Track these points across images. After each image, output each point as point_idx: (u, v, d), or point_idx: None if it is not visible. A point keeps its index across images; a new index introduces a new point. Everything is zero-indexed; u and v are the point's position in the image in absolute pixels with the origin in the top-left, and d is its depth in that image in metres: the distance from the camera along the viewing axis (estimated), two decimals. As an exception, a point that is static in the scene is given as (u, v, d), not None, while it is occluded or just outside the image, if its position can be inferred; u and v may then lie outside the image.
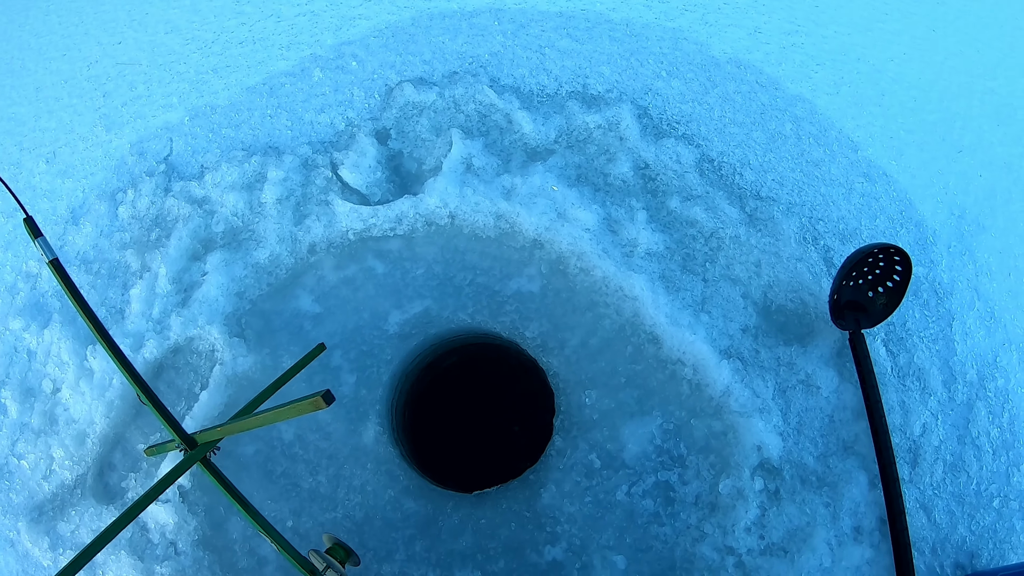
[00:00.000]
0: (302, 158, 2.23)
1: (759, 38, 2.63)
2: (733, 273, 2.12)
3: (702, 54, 2.52)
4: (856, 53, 2.75)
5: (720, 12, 2.68)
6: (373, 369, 1.97)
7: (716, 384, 1.97)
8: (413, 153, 2.23)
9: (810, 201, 2.27)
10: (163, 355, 2.06)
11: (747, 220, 2.18)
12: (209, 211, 2.22)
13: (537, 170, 2.14)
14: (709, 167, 2.25)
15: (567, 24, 2.53)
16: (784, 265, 2.14)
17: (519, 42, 2.47)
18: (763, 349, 2.05)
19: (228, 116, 2.40)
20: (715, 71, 2.48)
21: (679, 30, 2.57)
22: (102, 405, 2.05)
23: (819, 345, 2.09)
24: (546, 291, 2.03)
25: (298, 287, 2.08)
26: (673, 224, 2.13)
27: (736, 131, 2.35)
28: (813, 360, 2.07)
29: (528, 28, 2.51)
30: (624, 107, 2.30)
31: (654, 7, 2.64)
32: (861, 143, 2.46)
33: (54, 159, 2.61)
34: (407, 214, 2.10)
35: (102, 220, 2.34)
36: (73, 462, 2.08)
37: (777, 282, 2.12)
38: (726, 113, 2.38)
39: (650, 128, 2.29)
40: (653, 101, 2.36)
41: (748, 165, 2.29)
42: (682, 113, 2.35)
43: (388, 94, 2.34)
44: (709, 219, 2.14)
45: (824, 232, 2.23)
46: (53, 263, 1.79)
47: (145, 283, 2.15)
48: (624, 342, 2.00)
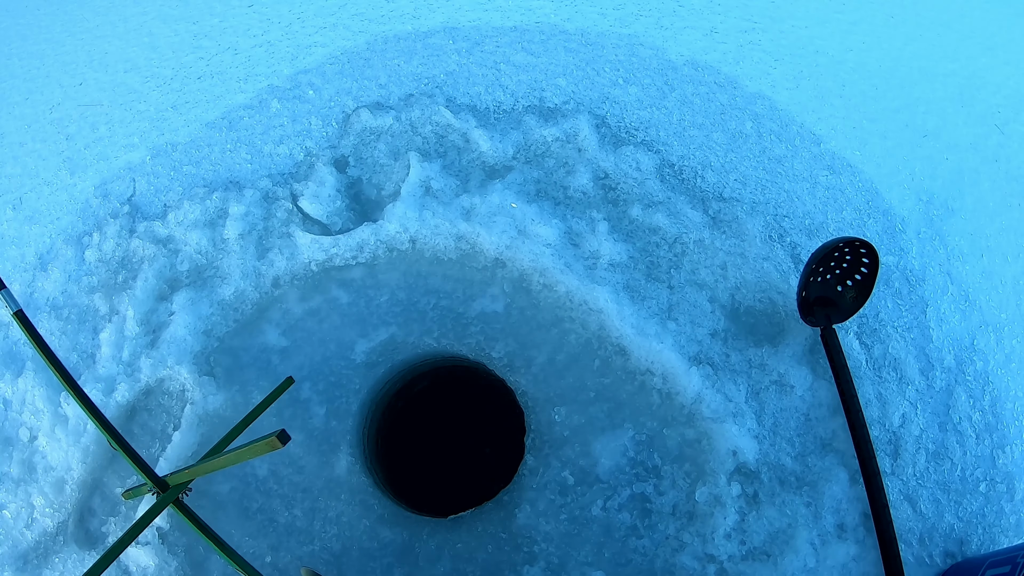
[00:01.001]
0: (263, 191, 2.26)
1: (715, 38, 2.65)
2: (699, 278, 2.13)
3: (658, 58, 2.54)
4: (815, 46, 2.76)
5: (675, 15, 2.70)
6: (342, 400, 1.99)
7: (687, 392, 1.99)
8: (372, 179, 2.25)
9: (774, 199, 2.29)
10: (135, 397, 2.09)
11: (711, 223, 2.19)
12: (173, 250, 2.25)
13: (496, 188, 2.16)
14: (670, 172, 2.27)
15: (522, 38, 2.56)
16: (751, 265, 2.16)
17: (474, 59, 2.49)
18: (733, 352, 2.07)
19: (189, 153, 2.43)
20: (672, 74, 2.50)
21: (634, 36, 2.59)
22: (78, 451, 2.08)
23: (790, 344, 2.10)
24: (510, 310, 2.05)
25: (264, 322, 2.10)
26: (635, 233, 2.15)
27: (696, 133, 2.36)
28: (785, 359, 2.08)
29: (483, 45, 2.54)
30: (581, 118, 2.32)
31: (608, 15, 2.67)
32: (824, 136, 2.48)
33: (20, 205, 2.64)
34: (368, 241, 2.12)
35: (70, 265, 2.37)
36: (53, 509, 2.11)
37: (744, 283, 2.13)
38: (685, 116, 2.40)
39: (608, 137, 2.31)
40: (611, 109, 2.38)
41: (709, 167, 2.30)
42: (640, 119, 2.37)
43: (345, 121, 2.37)
44: (672, 225, 2.16)
45: (790, 229, 2.24)
46: (17, 314, 1.82)
47: (114, 326, 2.18)
48: (591, 356, 2.02)
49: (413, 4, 2.67)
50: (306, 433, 1.96)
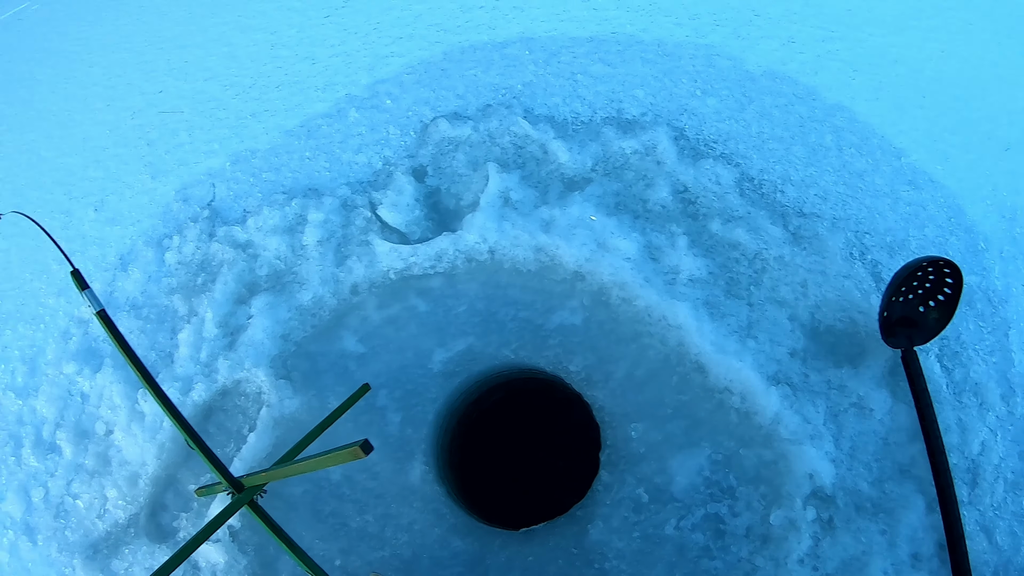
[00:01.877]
0: (341, 199, 2.31)
1: (793, 48, 2.62)
2: (779, 295, 2.09)
3: (736, 69, 2.52)
4: (893, 55, 2.71)
5: (752, 25, 2.68)
6: (419, 408, 2.01)
7: (765, 412, 1.95)
8: (450, 189, 2.28)
9: (855, 214, 2.24)
10: (211, 398, 2.14)
11: (791, 239, 2.16)
12: (253, 255, 2.31)
13: (575, 200, 2.17)
14: (749, 186, 2.24)
15: (598, 49, 2.57)
16: (831, 283, 2.11)
17: (551, 70, 2.52)
18: (812, 373, 2.02)
19: (268, 160, 2.50)
20: (750, 86, 2.48)
21: (712, 46, 2.58)
22: (153, 447, 2.14)
23: (871, 365, 2.04)
24: (589, 323, 2.04)
25: (342, 328, 2.14)
26: (715, 248, 2.13)
27: (776, 147, 2.34)
28: (865, 381, 2.02)
29: (559, 55, 2.56)
30: (660, 130, 2.31)
31: (684, 25, 2.67)
32: (905, 149, 2.42)
33: (102, 207, 2.75)
34: (447, 251, 2.14)
35: (150, 266, 2.45)
36: (126, 502, 2.17)
37: (825, 302, 2.09)
38: (764, 129, 2.37)
39: (687, 150, 2.30)
40: (689, 121, 2.37)
41: (789, 181, 2.27)
42: (719, 132, 2.36)
43: (423, 131, 2.41)
44: (752, 240, 2.13)
45: (871, 246, 2.19)
46: (100, 314, 1.88)
47: (192, 327, 2.25)
48: (670, 372, 1.99)
49: (489, 15, 2.72)
50: (381, 439, 1.98)
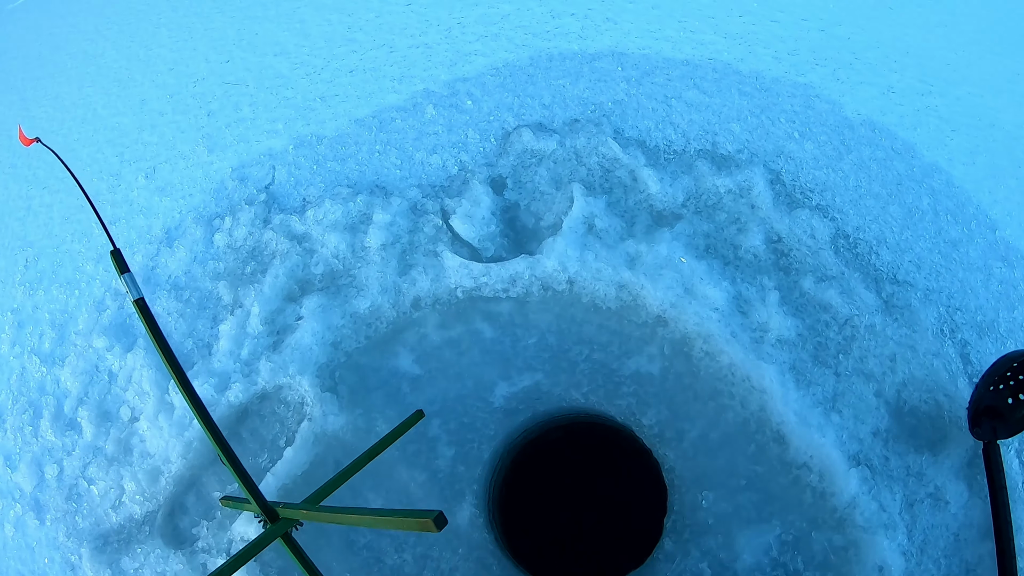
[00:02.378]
0: (411, 202, 1.99)
1: (892, 98, 2.29)
2: (867, 367, 1.80)
3: (835, 114, 2.20)
4: (990, 117, 2.39)
5: (851, 68, 2.35)
6: (473, 444, 1.72)
7: (842, 494, 1.66)
8: (530, 206, 1.97)
9: (948, 288, 1.94)
10: (248, 400, 1.85)
11: (883, 307, 1.86)
12: (309, 249, 2.00)
13: (664, 237, 1.85)
14: (844, 244, 1.93)
15: (693, 74, 2.24)
16: (920, 361, 1.82)
17: (643, 90, 2.19)
18: (893, 456, 1.74)
19: (334, 148, 2.18)
20: (849, 134, 2.16)
21: (810, 86, 2.25)
22: (179, 444, 1.85)
23: (951, 454, 1.77)
24: (667, 374, 1.74)
25: (398, 344, 1.84)
26: (806, 307, 1.82)
27: (872, 204, 2.02)
28: (944, 471, 1.75)
29: (653, 76, 2.23)
30: (756, 170, 2.00)
31: (783, 60, 2.33)
32: (999, 221, 2.12)
33: (153, 175, 2.44)
34: (522, 275, 1.84)
35: (197, 245, 2.14)
36: (144, 497, 1.88)
37: (912, 380, 1.80)
38: (861, 183, 2.06)
39: (783, 196, 1.98)
40: (786, 165, 2.05)
41: (885, 243, 1.96)
42: (816, 180, 2.04)
43: (505, 139, 2.09)
44: (844, 304, 1.83)
45: (961, 324, 1.90)
46: (138, 303, 1.56)
47: (236, 320, 1.94)
48: (747, 439, 1.70)
49: (579, 23, 2.39)
50: (429, 474, 1.69)
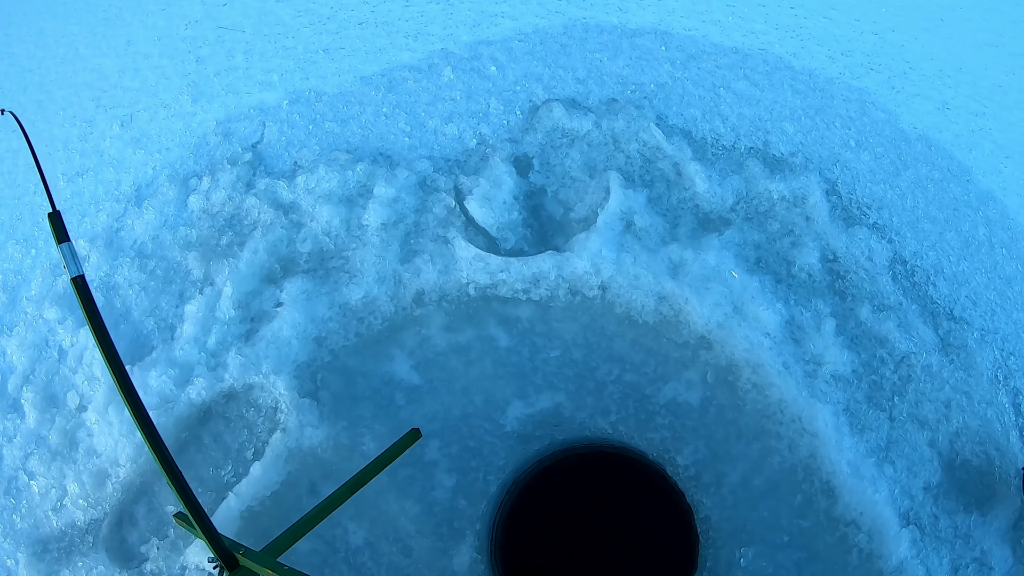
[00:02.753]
0: (420, 175, 1.42)
1: (947, 116, 1.77)
2: (921, 413, 1.32)
3: (891, 126, 1.67)
4: None
5: (906, 77, 1.82)
6: (478, 474, 1.19)
7: (891, 557, 1.20)
8: (559, 194, 1.41)
9: (1003, 329, 1.46)
10: (213, 399, 1.28)
11: (940, 346, 1.37)
12: (296, 222, 1.41)
13: (712, 244, 1.33)
14: (902, 271, 1.43)
15: (743, 63, 1.69)
16: (975, 409, 1.35)
17: (690, 75, 1.63)
18: (943, 516, 1.28)
19: (335, 107, 1.57)
20: (906, 149, 1.64)
21: (866, 92, 1.72)
22: (130, 446, 1.28)
23: (999, 515, 1.32)
24: (708, 406, 1.24)
25: (394, 345, 1.28)
26: (862, 340, 1.33)
27: (930, 228, 1.52)
28: (991, 533, 1.30)
29: (700, 60, 1.67)
30: (811, 178, 1.47)
31: (837, 60, 1.79)
32: (1054, 260, 1.64)
33: (130, 123, 1.78)
34: (547, 274, 1.29)
35: (168, 208, 1.53)
36: (88, 503, 1.32)
37: (966, 430, 1.33)
38: (919, 203, 1.55)
39: (839, 210, 1.47)
40: (842, 175, 1.53)
41: (942, 274, 1.47)
42: (873, 196, 1.52)
43: (533, 113, 1.51)
44: (901, 339, 1.34)
45: (1015, 370, 1.43)
46: (76, 280, 0.99)
47: (205, 300, 1.36)
48: (793, 489, 1.21)
49: (618, -5, 1.80)
50: (424, 506, 1.16)
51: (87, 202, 1.71)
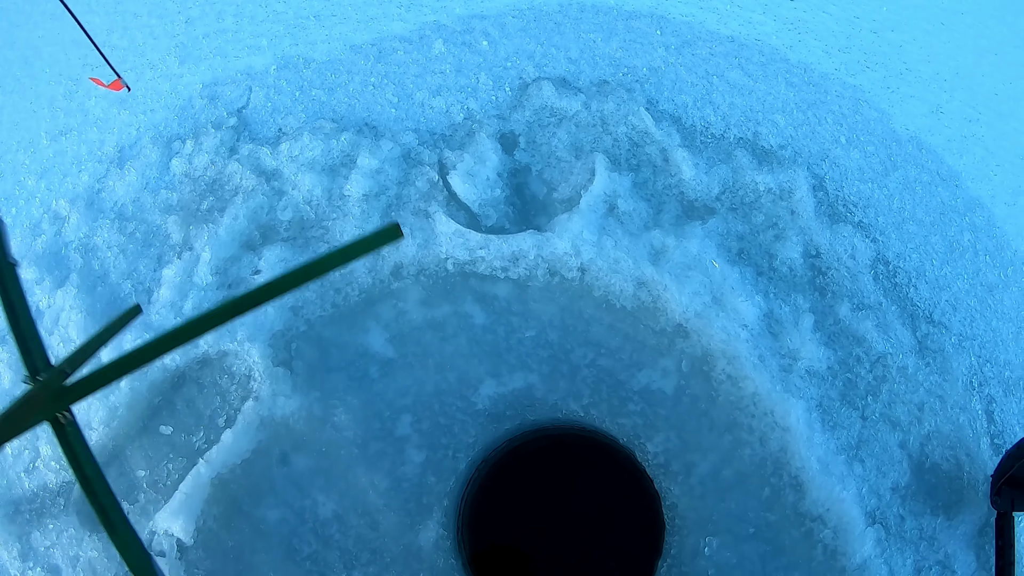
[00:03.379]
0: (404, 148, 1.34)
1: (940, 119, 1.71)
2: (894, 414, 1.29)
3: (883, 125, 1.61)
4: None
5: (901, 78, 1.75)
6: (448, 451, 1.15)
7: (854, 554, 1.17)
8: (544, 173, 1.34)
9: (980, 336, 1.42)
10: (187, 365, 1.22)
11: (917, 348, 1.33)
12: (278, 190, 1.34)
13: (695, 232, 1.27)
14: (884, 271, 1.38)
15: (739, 53, 1.61)
16: (947, 414, 1.32)
17: (683, 62, 1.55)
18: (909, 517, 1.26)
19: (323, 75, 1.49)
20: (896, 149, 1.58)
21: (860, 89, 1.65)
22: (103, 410, 1.23)
23: (964, 520, 1.29)
24: (681, 395, 1.20)
25: (370, 318, 1.23)
26: (839, 338, 1.29)
27: (915, 230, 1.47)
28: (956, 537, 1.28)
29: (694, 47, 1.59)
30: (799, 172, 1.41)
31: (834, 56, 1.71)
32: (1036, 272, 1.60)
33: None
34: (526, 254, 1.23)
35: (151, 170, 1.46)
36: (60, 466, 1.27)
37: (937, 433, 1.30)
38: (906, 205, 1.49)
39: (825, 206, 1.41)
40: (830, 172, 1.47)
41: (924, 277, 1.42)
42: (860, 194, 1.46)
43: (522, 90, 1.44)
44: (879, 339, 1.29)
45: (990, 378, 1.39)
46: None
47: (183, 264, 1.30)
48: (762, 482, 1.18)
49: (617, -23, 1.71)
50: (393, 481, 1.12)
51: (69, 162, 1.63)
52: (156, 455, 1.22)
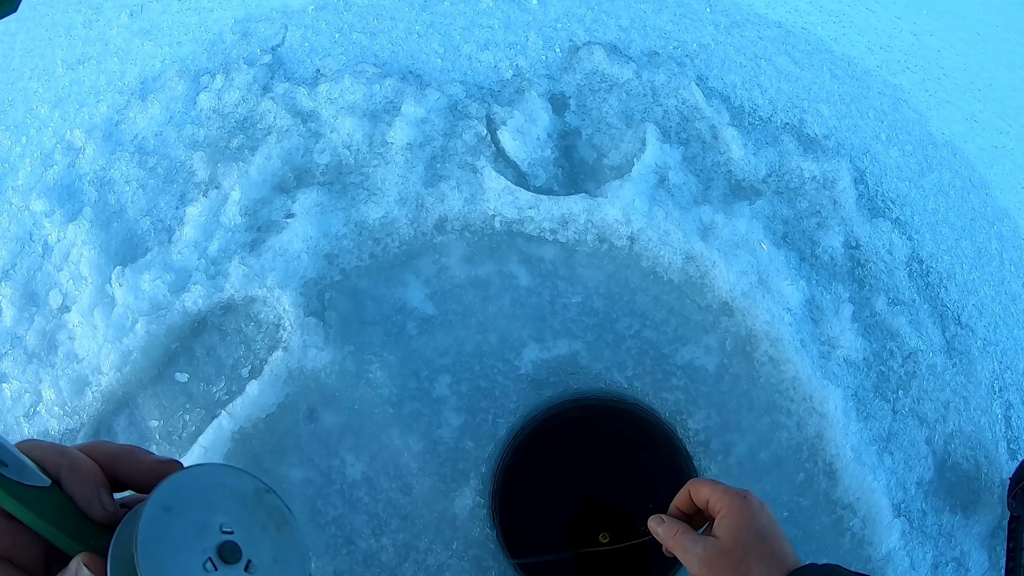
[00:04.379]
0: (451, 99, 1.21)
1: (974, 128, 1.65)
2: (922, 410, 1.23)
3: (920, 127, 1.54)
4: None
5: (939, 83, 1.67)
6: (488, 415, 1.03)
7: (881, 545, 1.11)
8: (593, 138, 1.22)
9: (1003, 342, 1.37)
10: (209, 310, 1.08)
11: (946, 348, 1.28)
12: (315, 132, 1.20)
13: (743, 212, 1.17)
14: (918, 269, 1.32)
15: (786, 39, 1.51)
16: (970, 415, 1.27)
17: (732, 41, 1.44)
18: (931, 512, 1.20)
19: (365, 19, 1.34)
20: (932, 152, 1.51)
21: (900, 89, 1.57)
22: (115, 353, 1.08)
23: (980, 520, 1.24)
24: (723, 373, 1.11)
25: (410, 272, 1.10)
26: (875, 330, 1.22)
27: (947, 233, 1.40)
28: (972, 536, 1.23)
29: (743, 28, 1.49)
30: (842, 163, 1.32)
31: (876, 53, 1.63)
32: (1057, 288, 1.56)
33: (139, 13, 1.50)
34: (577, 217, 1.12)
35: (176, 104, 1.29)
36: (64, 412, 1.12)
37: (959, 433, 1.25)
38: (939, 207, 1.43)
39: (866, 199, 1.33)
40: (871, 166, 1.39)
41: (954, 279, 1.36)
42: (898, 192, 1.39)
43: (573, 53, 1.31)
44: (911, 335, 1.23)
45: (1010, 384, 1.34)
46: None
47: (209, 203, 1.15)
48: (797, 467, 1.10)
49: (667, -48, 1.59)
50: (428, 444, 1.01)
51: (86, 92, 1.43)
52: (171, 405, 1.08)
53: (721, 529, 0.63)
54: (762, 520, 0.63)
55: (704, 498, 0.66)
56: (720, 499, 0.64)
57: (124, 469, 0.37)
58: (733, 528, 0.62)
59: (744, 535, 0.61)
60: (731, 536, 0.62)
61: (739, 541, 0.61)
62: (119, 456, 0.37)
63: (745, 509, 0.62)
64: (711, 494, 0.65)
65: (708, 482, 0.67)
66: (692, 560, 0.63)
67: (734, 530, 0.62)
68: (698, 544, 0.63)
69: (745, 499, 0.63)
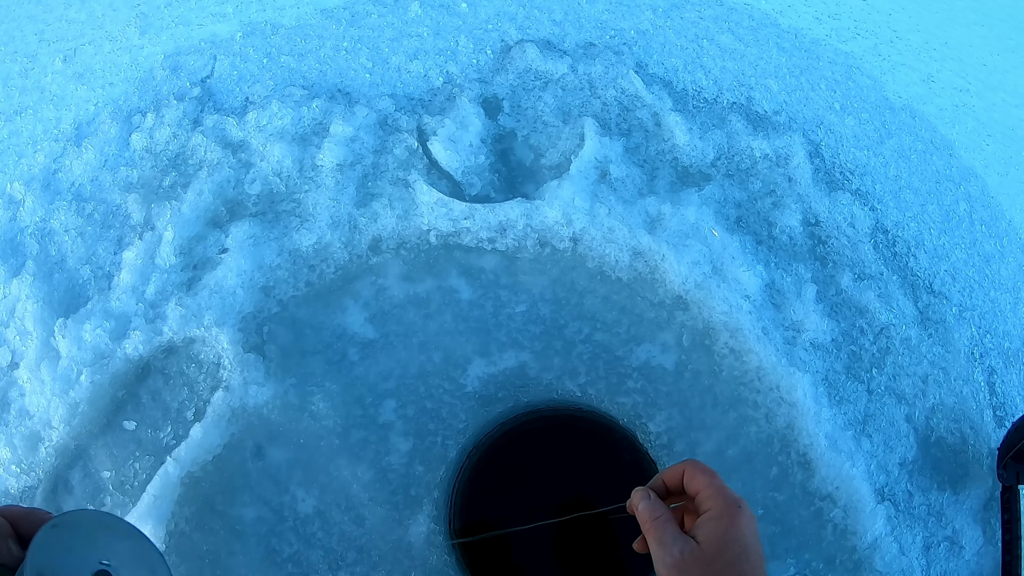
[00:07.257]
0: (380, 114, 1.13)
1: (932, 88, 1.53)
2: (899, 387, 1.13)
3: (876, 93, 1.43)
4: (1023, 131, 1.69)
5: (892, 46, 1.56)
6: (436, 438, 0.96)
7: (865, 533, 1.02)
8: (530, 139, 1.14)
9: (980, 306, 1.27)
10: (151, 354, 1.02)
11: (919, 319, 1.18)
12: (245, 162, 1.12)
13: (691, 199, 1.09)
14: (884, 240, 1.22)
15: (728, 17, 1.41)
16: (951, 386, 1.17)
17: (672, 24, 1.35)
18: (917, 493, 1.11)
19: (292, 41, 1.26)
20: (890, 117, 1.40)
21: (852, 56, 1.46)
22: (63, 406, 1.02)
23: (971, 495, 1.14)
24: (683, 370, 1.03)
25: (348, 296, 1.03)
26: (842, 308, 1.13)
27: (912, 199, 1.30)
28: (963, 512, 1.13)
29: (683, 9, 1.39)
30: (794, 138, 1.23)
31: (824, 22, 1.52)
32: (1030, 242, 1.45)
33: (73, 58, 1.43)
34: (515, 223, 1.03)
35: (110, 147, 1.22)
36: (21, 469, 1.05)
37: (941, 406, 1.15)
38: (902, 172, 1.32)
39: (822, 173, 1.23)
40: (826, 138, 1.29)
41: (923, 246, 1.26)
42: (856, 161, 1.29)
43: (505, 53, 1.23)
44: (881, 310, 1.13)
45: (990, 349, 1.24)
46: None
47: (144, 245, 1.08)
48: (769, 461, 1.02)
49: (600, -60, 1.49)
50: (378, 472, 0.94)
51: (24, 142, 1.37)
52: (121, 454, 1.02)
53: (704, 533, 0.54)
54: (749, 536, 0.54)
55: (696, 488, 0.57)
56: (713, 498, 0.55)
57: (26, 525, 0.49)
58: (718, 537, 0.53)
59: (729, 549, 0.53)
60: (715, 545, 0.53)
61: (722, 554, 0.53)
62: (23, 516, 0.51)
63: (736, 520, 0.54)
64: (705, 488, 0.56)
65: (706, 472, 0.58)
66: (665, 557, 0.54)
67: (719, 540, 0.53)
68: (676, 542, 0.54)
69: (739, 509, 0.55)
